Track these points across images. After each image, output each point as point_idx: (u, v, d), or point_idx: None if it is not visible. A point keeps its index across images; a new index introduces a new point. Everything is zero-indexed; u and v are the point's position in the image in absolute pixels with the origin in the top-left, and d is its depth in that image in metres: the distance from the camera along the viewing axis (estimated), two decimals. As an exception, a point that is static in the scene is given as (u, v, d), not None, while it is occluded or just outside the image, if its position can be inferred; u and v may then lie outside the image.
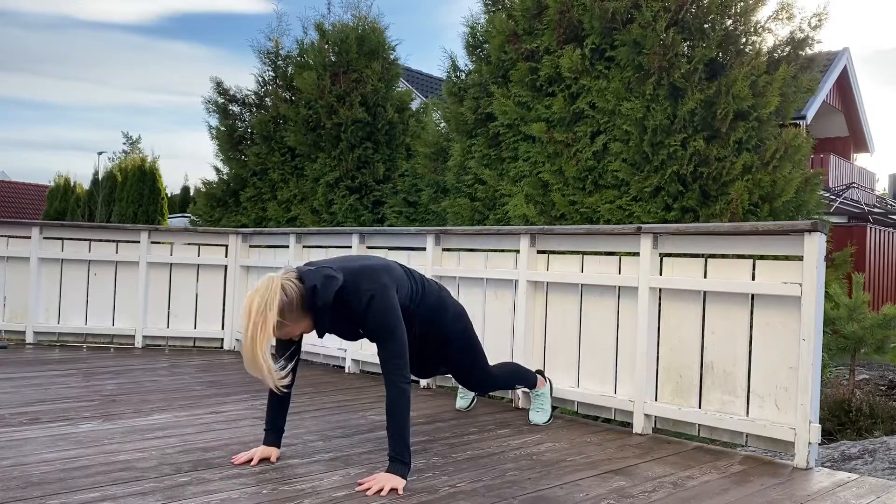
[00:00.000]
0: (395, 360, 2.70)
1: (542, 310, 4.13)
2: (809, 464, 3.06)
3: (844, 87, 18.93)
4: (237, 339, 6.10)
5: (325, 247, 5.51)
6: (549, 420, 3.69)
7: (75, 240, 6.11)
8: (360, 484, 2.57)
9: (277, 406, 2.92)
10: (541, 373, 3.79)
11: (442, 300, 3.21)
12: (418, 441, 3.22)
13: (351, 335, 2.90)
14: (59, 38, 70.72)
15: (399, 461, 2.61)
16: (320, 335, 2.79)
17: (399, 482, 2.56)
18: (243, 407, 3.82)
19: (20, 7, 64.17)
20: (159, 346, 6.08)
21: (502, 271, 4.27)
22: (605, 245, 3.90)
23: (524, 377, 3.66)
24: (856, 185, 17.83)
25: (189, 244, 6.23)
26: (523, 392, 4.05)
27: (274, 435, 2.90)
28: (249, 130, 7.86)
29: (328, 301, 2.65)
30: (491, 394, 4.37)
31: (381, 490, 2.51)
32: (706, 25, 4.85)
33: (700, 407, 3.47)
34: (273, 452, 2.87)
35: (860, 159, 21.29)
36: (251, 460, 2.80)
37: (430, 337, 3.21)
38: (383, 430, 3.41)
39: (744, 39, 4.82)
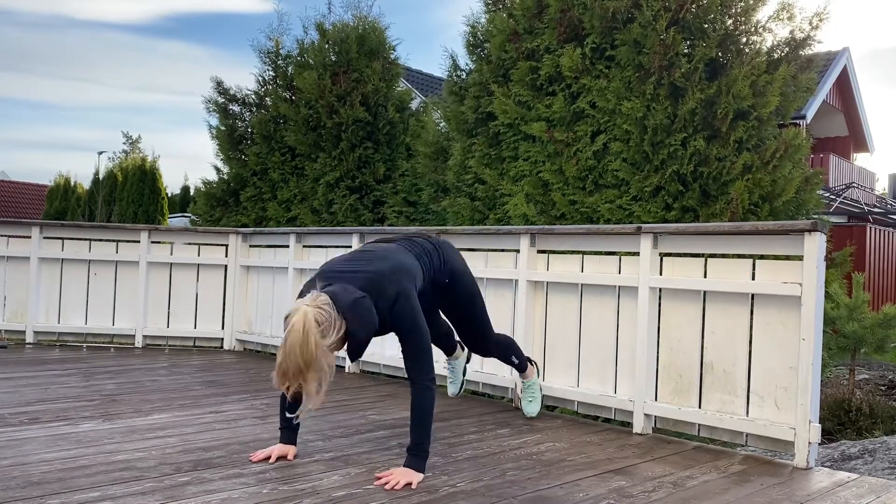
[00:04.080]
0: (420, 359, 2.75)
1: (542, 309, 4.13)
2: (809, 463, 3.06)
3: (844, 86, 18.93)
4: (237, 340, 6.10)
5: (325, 247, 5.51)
6: (540, 409, 3.83)
7: (75, 239, 6.11)
8: (378, 478, 2.63)
9: (292, 403, 2.93)
10: (530, 360, 3.80)
11: (454, 264, 3.24)
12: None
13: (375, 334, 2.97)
14: (56, 38, 70.68)
15: (417, 455, 2.70)
16: (354, 357, 2.77)
17: (415, 476, 2.63)
18: (243, 407, 3.82)
19: (16, 7, 64.14)
20: (159, 345, 6.08)
21: (502, 271, 4.27)
22: (605, 245, 3.90)
23: (519, 353, 3.65)
24: (856, 185, 17.83)
25: (189, 244, 6.23)
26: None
27: (290, 433, 2.94)
28: (250, 130, 7.86)
29: (374, 325, 2.66)
30: (491, 394, 4.38)
31: (398, 485, 2.57)
32: (706, 25, 4.84)
33: (700, 407, 3.47)
34: (290, 451, 2.90)
35: (860, 159, 21.29)
36: (269, 458, 2.84)
37: (444, 294, 3.27)
38: (383, 429, 3.42)
39: (744, 39, 4.81)
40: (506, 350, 3.59)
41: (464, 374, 3.84)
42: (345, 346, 2.69)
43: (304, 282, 5.61)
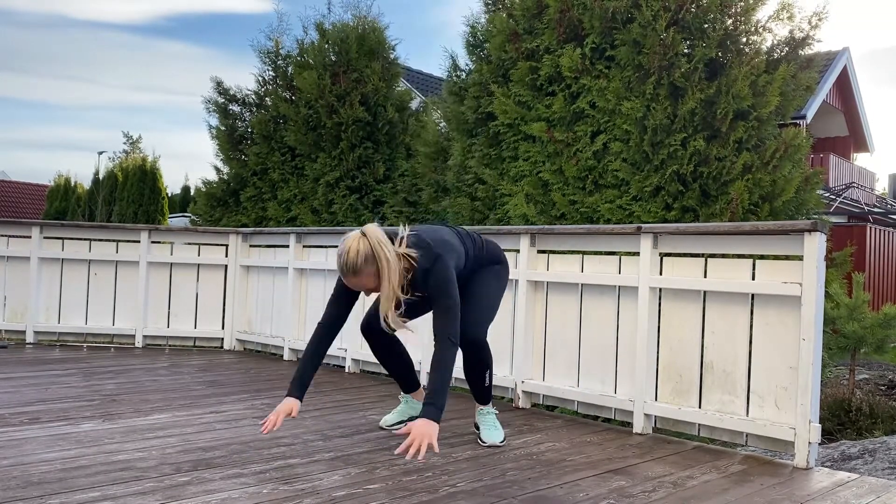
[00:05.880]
0: (451, 318, 2.87)
1: (542, 310, 4.13)
2: (809, 463, 3.06)
3: (844, 86, 18.93)
4: (237, 340, 6.10)
5: (325, 247, 5.51)
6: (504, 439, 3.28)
7: (75, 239, 6.11)
8: (401, 453, 2.60)
9: (311, 361, 3.01)
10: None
11: (497, 258, 3.34)
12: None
13: (415, 306, 3.10)
14: (55, 38, 70.61)
15: (434, 406, 2.74)
16: (404, 293, 2.96)
17: (433, 429, 2.66)
18: (243, 406, 3.82)
19: (15, 6, 64.07)
20: (159, 345, 6.08)
21: (502, 271, 4.26)
22: (605, 245, 3.91)
23: (491, 376, 3.33)
24: (856, 185, 17.84)
25: (189, 244, 6.23)
26: (524, 392, 4.06)
27: (298, 387, 2.97)
28: (249, 130, 7.86)
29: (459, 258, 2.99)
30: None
31: (420, 451, 2.58)
32: (706, 25, 4.85)
33: (700, 407, 3.47)
34: (294, 406, 2.92)
35: (860, 159, 21.30)
36: (276, 423, 2.85)
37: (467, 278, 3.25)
38: (383, 429, 3.42)
39: (744, 39, 4.82)
40: (486, 364, 3.25)
41: (407, 420, 3.46)
42: (407, 280, 2.92)
43: (304, 281, 5.63)
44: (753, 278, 3.29)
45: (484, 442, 3.20)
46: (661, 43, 4.75)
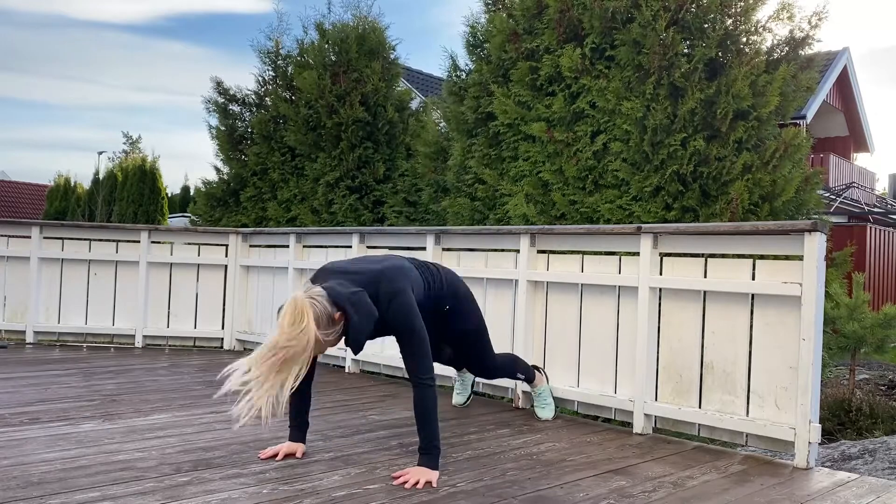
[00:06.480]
0: (418, 358, 2.77)
1: (542, 309, 4.13)
2: (809, 463, 3.06)
3: (844, 86, 18.93)
4: (237, 340, 6.10)
5: (325, 247, 5.51)
6: (555, 413, 3.84)
7: (75, 239, 6.11)
8: (395, 478, 2.65)
9: (298, 402, 2.96)
10: (537, 368, 3.88)
11: (456, 288, 3.27)
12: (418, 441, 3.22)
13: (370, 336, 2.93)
14: (55, 38, 70.68)
15: (429, 454, 2.71)
16: (357, 348, 2.76)
17: (432, 474, 2.65)
18: (243, 407, 3.82)
19: (14, 6, 64.07)
20: (159, 345, 6.08)
21: (502, 271, 4.27)
22: (605, 245, 3.91)
23: (525, 368, 3.74)
24: (856, 185, 17.84)
25: (189, 244, 6.23)
26: (524, 392, 4.06)
27: (298, 431, 2.97)
28: (249, 130, 7.85)
29: (374, 316, 2.69)
30: (491, 394, 4.38)
31: (418, 483, 2.59)
32: (706, 25, 4.84)
33: (700, 407, 3.47)
34: (298, 448, 2.92)
35: (860, 159, 21.30)
36: (277, 455, 2.86)
37: (446, 324, 3.27)
38: (383, 429, 3.42)
39: (744, 39, 4.81)
40: (510, 369, 3.67)
41: (472, 387, 4.07)
42: (342, 340, 2.74)
43: (304, 282, 5.62)
44: (753, 278, 3.29)
45: (538, 417, 3.79)
46: (661, 43, 4.75)
